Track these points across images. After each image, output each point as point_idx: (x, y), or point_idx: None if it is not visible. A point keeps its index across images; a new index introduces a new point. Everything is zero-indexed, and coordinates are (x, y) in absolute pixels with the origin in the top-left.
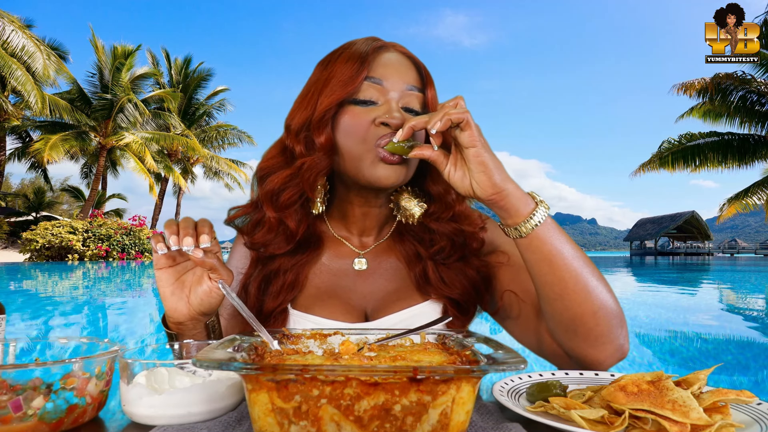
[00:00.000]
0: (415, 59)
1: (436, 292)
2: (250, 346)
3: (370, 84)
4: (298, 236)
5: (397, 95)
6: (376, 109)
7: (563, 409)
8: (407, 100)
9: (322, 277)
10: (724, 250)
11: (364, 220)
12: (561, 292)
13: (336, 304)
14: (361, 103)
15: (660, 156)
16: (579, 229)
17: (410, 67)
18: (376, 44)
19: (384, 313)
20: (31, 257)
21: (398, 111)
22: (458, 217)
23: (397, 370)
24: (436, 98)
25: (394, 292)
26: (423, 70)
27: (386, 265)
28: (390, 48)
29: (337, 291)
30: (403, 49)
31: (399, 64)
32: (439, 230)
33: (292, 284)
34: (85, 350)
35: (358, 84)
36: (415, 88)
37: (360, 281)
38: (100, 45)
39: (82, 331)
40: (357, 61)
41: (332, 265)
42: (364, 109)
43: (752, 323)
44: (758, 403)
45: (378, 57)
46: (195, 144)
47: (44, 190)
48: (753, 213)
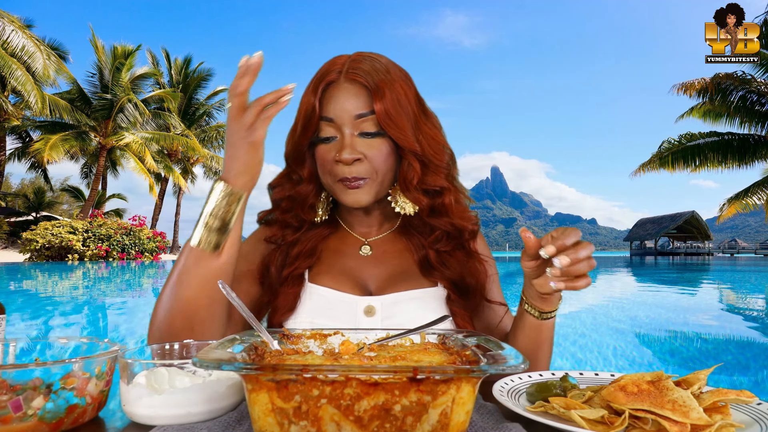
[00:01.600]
0: (362, 80)
1: (438, 274)
2: (250, 346)
3: (326, 123)
4: (301, 231)
5: (348, 130)
6: (335, 144)
7: (563, 409)
8: (361, 128)
9: (332, 258)
10: (724, 250)
11: (366, 218)
12: (534, 351)
13: (345, 280)
14: (324, 140)
15: (660, 156)
16: (579, 229)
17: (357, 93)
18: (326, 79)
19: (387, 291)
20: (31, 257)
21: (350, 146)
22: (447, 210)
23: (397, 370)
24: (392, 103)
25: (399, 274)
26: (372, 86)
27: (391, 253)
28: (338, 79)
29: (346, 269)
30: (353, 73)
31: (346, 97)
32: (432, 223)
33: (309, 252)
34: (85, 350)
35: (315, 127)
36: (366, 112)
37: (366, 264)
38: (100, 45)
39: (82, 331)
40: (312, 103)
41: (341, 249)
42: (327, 146)
43: (752, 323)
44: (758, 403)
45: (327, 95)
46: (195, 144)
47: (44, 190)
48: (753, 213)
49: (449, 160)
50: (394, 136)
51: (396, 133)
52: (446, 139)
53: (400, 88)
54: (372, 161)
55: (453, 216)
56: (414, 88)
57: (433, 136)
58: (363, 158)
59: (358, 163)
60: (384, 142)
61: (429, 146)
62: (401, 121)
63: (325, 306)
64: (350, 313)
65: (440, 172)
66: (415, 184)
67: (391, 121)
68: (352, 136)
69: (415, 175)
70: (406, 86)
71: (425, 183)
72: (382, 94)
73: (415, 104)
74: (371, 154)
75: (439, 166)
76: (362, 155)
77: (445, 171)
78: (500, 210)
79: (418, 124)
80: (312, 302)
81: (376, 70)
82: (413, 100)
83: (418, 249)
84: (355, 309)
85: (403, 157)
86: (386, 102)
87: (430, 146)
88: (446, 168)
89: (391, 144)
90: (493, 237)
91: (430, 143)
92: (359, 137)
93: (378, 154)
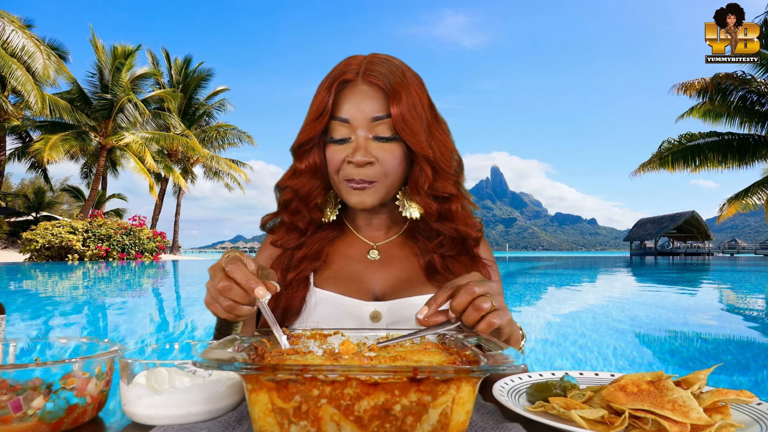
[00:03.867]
0: (379, 83)
1: (443, 279)
2: (250, 346)
3: (339, 123)
4: (308, 234)
5: (363, 132)
6: (348, 146)
7: (563, 409)
8: (376, 131)
9: (339, 262)
10: (724, 250)
11: (372, 220)
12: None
13: (351, 285)
14: (337, 141)
15: (660, 156)
16: (579, 229)
17: (374, 95)
18: (342, 78)
19: (394, 297)
20: (31, 257)
21: (364, 148)
22: (453, 216)
23: (397, 370)
24: (408, 107)
25: (405, 280)
26: (389, 89)
27: (398, 257)
28: (355, 79)
29: (353, 274)
30: (370, 74)
31: (362, 99)
32: (438, 228)
33: (315, 255)
34: (85, 350)
35: (324, 125)
36: (382, 116)
37: (373, 268)
38: (100, 45)
39: (82, 331)
40: (325, 100)
41: (348, 252)
42: (340, 147)
43: (752, 323)
44: (758, 403)
45: (343, 94)
46: (195, 144)
47: (44, 190)
48: (753, 213)
49: (458, 167)
50: (409, 141)
51: (410, 138)
52: (455, 145)
53: (416, 93)
54: (384, 165)
55: (458, 222)
56: (427, 93)
57: (444, 142)
58: (375, 162)
59: (369, 167)
60: (398, 146)
61: (440, 152)
62: (416, 126)
63: (331, 311)
64: (356, 318)
65: (449, 179)
66: (426, 190)
67: (407, 126)
68: (366, 139)
69: (426, 180)
70: (420, 91)
71: (435, 189)
72: (398, 98)
73: (428, 109)
74: (384, 158)
75: (448, 172)
76: (375, 159)
77: (454, 177)
78: (500, 210)
79: (430, 130)
80: (317, 307)
81: (393, 73)
82: (427, 105)
83: (424, 254)
84: (361, 314)
85: (415, 162)
86: (402, 106)
87: (441, 152)
88: (455, 174)
89: (405, 148)
90: (493, 237)
91: (442, 149)
92: (373, 140)
93: (391, 158)
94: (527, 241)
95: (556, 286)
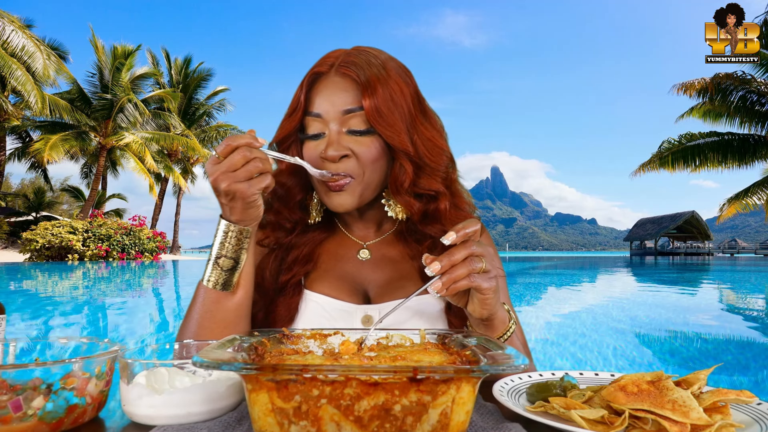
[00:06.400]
0: (352, 74)
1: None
2: (250, 346)
3: (312, 119)
4: (294, 233)
5: (336, 126)
6: (322, 141)
7: (563, 409)
8: (349, 124)
9: (329, 262)
10: (724, 250)
11: (363, 220)
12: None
13: (342, 286)
14: (311, 137)
15: (660, 156)
16: (579, 229)
17: (346, 87)
18: (315, 71)
19: (386, 299)
20: (31, 257)
21: (336, 142)
22: (441, 216)
23: (397, 370)
24: (383, 99)
25: (398, 280)
26: (362, 80)
27: (390, 257)
28: (328, 72)
29: (343, 275)
30: (343, 66)
31: (333, 91)
32: (425, 230)
33: (306, 258)
34: (85, 350)
35: (298, 121)
36: (354, 108)
37: (364, 269)
38: (100, 45)
39: (82, 331)
40: (297, 95)
41: (339, 252)
42: (315, 142)
43: (752, 323)
44: (758, 403)
45: (315, 89)
46: (195, 144)
47: (44, 190)
48: (753, 213)
49: (448, 164)
50: (385, 135)
51: (386, 132)
52: (447, 141)
53: (396, 85)
54: (360, 158)
55: (446, 223)
56: (413, 85)
57: (431, 138)
58: (351, 155)
59: (345, 160)
60: (374, 140)
61: (425, 148)
62: (393, 120)
63: (322, 315)
64: (348, 322)
65: (436, 176)
66: (407, 187)
67: (382, 119)
68: (339, 133)
69: (406, 177)
70: (403, 83)
71: (418, 186)
72: (373, 90)
73: (412, 103)
74: (360, 151)
75: (435, 169)
76: (350, 151)
77: (442, 174)
78: (500, 210)
79: (414, 124)
80: (308, 311)
81: (370, 64)
82: (410, 98)
83: (416, 255)
84: (352, 318)
85: (395, 158)
86: (377, 98)
87: (426, 148)
88: (443, 171)
89: (383, 143)
90: (493, 237)
91: (426, 144)
92: (347, 134)
93: (366, 151)
94: (527, 241)
95: (556, 286)
